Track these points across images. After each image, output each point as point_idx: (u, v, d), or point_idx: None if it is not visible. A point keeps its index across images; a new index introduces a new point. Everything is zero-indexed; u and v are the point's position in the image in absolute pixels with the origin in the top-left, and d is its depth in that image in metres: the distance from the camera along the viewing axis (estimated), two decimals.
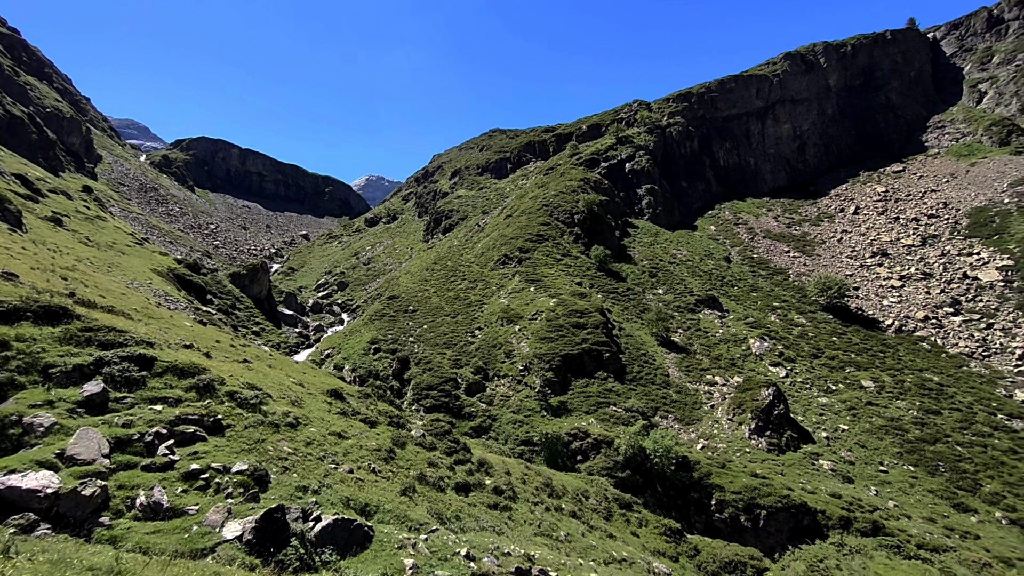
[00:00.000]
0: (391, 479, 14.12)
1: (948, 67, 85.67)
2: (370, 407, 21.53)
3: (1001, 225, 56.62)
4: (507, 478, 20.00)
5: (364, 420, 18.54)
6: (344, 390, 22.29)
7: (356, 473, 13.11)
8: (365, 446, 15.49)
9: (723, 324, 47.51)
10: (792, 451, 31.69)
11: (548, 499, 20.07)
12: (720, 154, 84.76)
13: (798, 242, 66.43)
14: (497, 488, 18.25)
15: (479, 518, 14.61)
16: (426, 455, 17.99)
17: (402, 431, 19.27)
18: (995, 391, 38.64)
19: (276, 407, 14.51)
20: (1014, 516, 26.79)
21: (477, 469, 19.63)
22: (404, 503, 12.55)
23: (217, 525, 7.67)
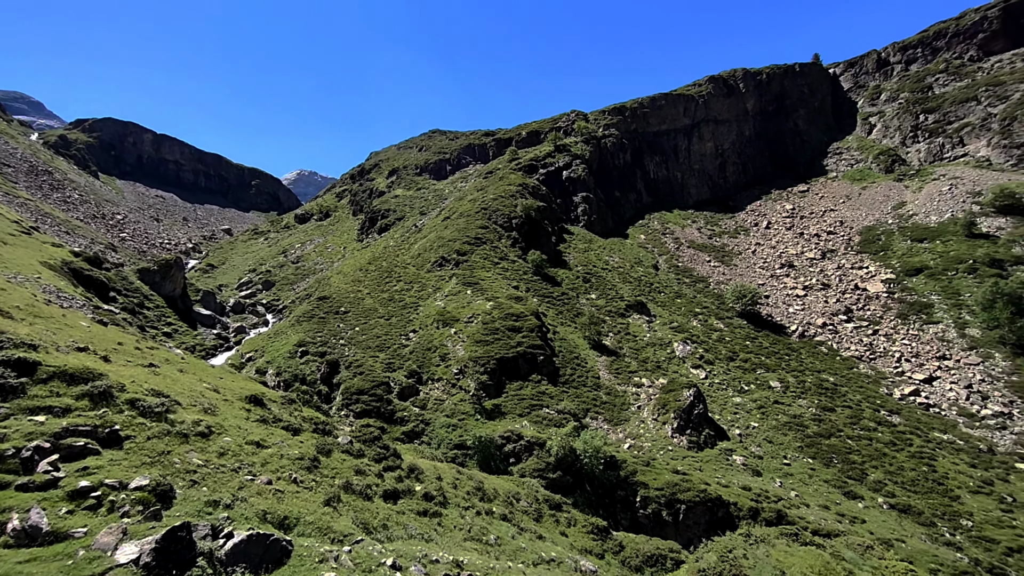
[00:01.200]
0: (314, 489, 13.51)
1: (845, 100, 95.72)
2: (294, 413, 20.49)
3: (886, 243, 63.96)
4: (438, 483, 19.77)
5: (287, 427, 17.61)
6: (266, 396, 21.05)
7: (275, 484, 12.41)
8: (287, 455, 14.71)
9: (650, 328, 49.88)
10: (710, 448, 33.82)
11: (479, 503, 20.06)
12: (651, 167, 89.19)
13: (718, 253, 71.22)
14: (427, 494, 17.98)
15: (408, 526, 14.33)
16: (353, 463, 17.39)
17: (328, 438, 18.50)
18: (879, 390, 43.50)
19: (186, 415, 13.43)
20: (893, 501, 30.22)
21: (407, 475, 19.24)
22: (328, 514, 12.04)
23: (109, 548, 6.95)
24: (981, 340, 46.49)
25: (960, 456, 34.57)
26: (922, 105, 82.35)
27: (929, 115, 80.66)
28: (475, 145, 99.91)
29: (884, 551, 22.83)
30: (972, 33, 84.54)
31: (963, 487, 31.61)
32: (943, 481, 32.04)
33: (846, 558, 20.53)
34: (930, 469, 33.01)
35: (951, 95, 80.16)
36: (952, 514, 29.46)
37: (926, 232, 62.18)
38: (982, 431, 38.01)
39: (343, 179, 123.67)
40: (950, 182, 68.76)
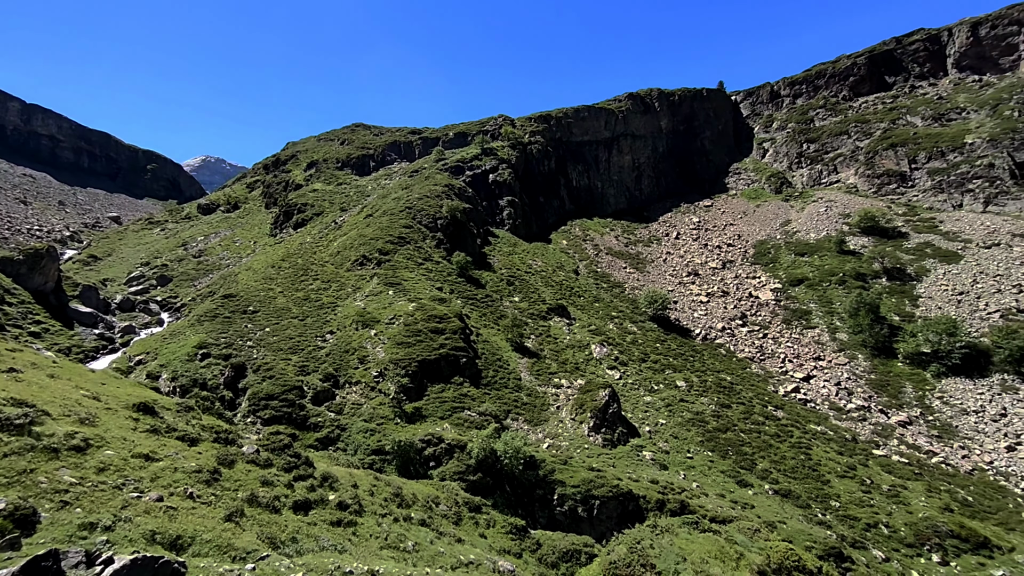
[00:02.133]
0: (214, 504, 12.48)
1: (744, 125, 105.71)
2: (192, 422, 18.78)
3: (774, 256, 71.41)
4: (354, 491, 19.06)
5: (183, 437, 16.10)
6: (158, 403, 19.09)
7: (168, 500, 11.31)
8: (182, 468, 13.46)
9: (570, 331, 51.63)
10: (622, 445, 35.67)
11: (397, 509, 19.60)
12: (574, 175, 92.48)
13: (633, 260, 75.44)
14: (342, 503, 17.28)
15: (320, 537, 13.68)
16: (260, 473, 16.29)
17: (231, 448, 17.17)
18: (767, 387, 48.41)
19: (56, 427, 11.84)
20: (778, 487, 33.73)
21: (320, 484, 18.36)
22: (229, 530, 11.19)
23: None
24: (848, 343, 53.37)
25: (830, 445, 39.38)
26: (805, 135, 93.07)
27: (811, 144, 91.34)
28: (401, 142, 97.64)
29: (769, 533, 25.44)
30: (845, 76, 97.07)
31: (832, 472, 36.02)
32: (817, 468, 36.30)
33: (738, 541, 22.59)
34: (807, 457, 37.25)
35: (828, 128, 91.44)
36: (823, 496, 33.48)
37: (806, 247, 70.25)
38: (848, 423, 43.63)
39: (255, 169, 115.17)
40: (826, 204, 78.30)
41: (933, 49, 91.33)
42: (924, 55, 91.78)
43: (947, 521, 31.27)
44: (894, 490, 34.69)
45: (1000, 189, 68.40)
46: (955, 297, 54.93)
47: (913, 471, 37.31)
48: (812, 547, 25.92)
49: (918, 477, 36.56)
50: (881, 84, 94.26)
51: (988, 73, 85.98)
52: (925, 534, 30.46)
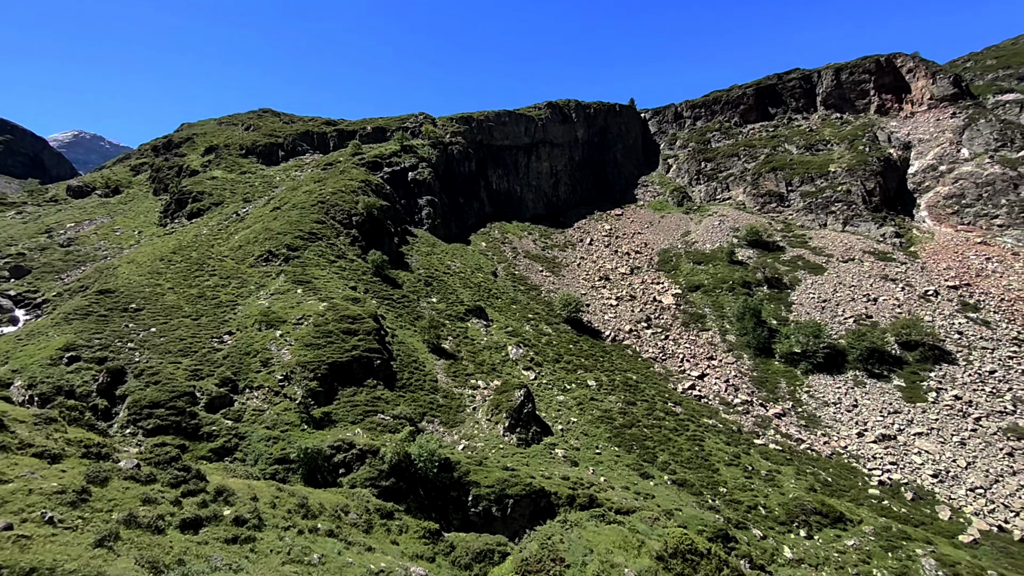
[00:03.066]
0: (81, 529, 11.02)
1: (652, 141, 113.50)
2: (54, 436, 16.41)
3: (676, 264, 77.42)
4: (253, 504, 17.75)
5: (41, 454, 14.02)
6: (7, 415, 16.43)
7: (20, 528, 9.81)
8: (39, 489, 11.73)
9: (487, 332, 52.06)
10: (536, 444, 36.64)
11: (302, 521, 18.55)
12: (494, 179, 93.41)
13: (549, 263, 77.83)
14: (239, 518, 16.04)
15: (212, 557, 12.59)
16: (140, 490, 14.64)
17: (104, 463, 15.25)
18: (668, 385, 52.31)
19: None
20: (675, 477, 36.54)
21: (214, 499, 16.90)
22: (99, 557, 9.94)
23: None
24: (736, 344, 59.24)
25: (720, 436, 43.44)
26: (703, 155, 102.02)
27: (708, 163, 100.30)
28: (314, 133, 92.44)
29: (667, 520, 27.48)
30: (737, 104, 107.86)
31: (721, 461, 39.77)
32: (708, 458, 39.87)
33: (639, 530, 24.14)
34: (700, 448, 40.77)
35: (722, 150, 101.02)
36: (713, 483, 36.86)
37: (703, 257, 76.96)
38: (734, 416, 48.41)
39: (142, 150, 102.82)
40: (719, 218, 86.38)
41: (806, 87, 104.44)
42: (799, 91, 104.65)
43: (812, 500, 35.80)
44: (770, 475, 39.06)
45: (855, 212, 79.87)
46: (820, 304, 63.17)
47: (785, 457, 42.29)
48: (704, 530, 28.39)
49: (789, 462, 41.49)
50: (765, 114, 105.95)
51: (847, 112, 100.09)
52: (794, 512, 34.64)
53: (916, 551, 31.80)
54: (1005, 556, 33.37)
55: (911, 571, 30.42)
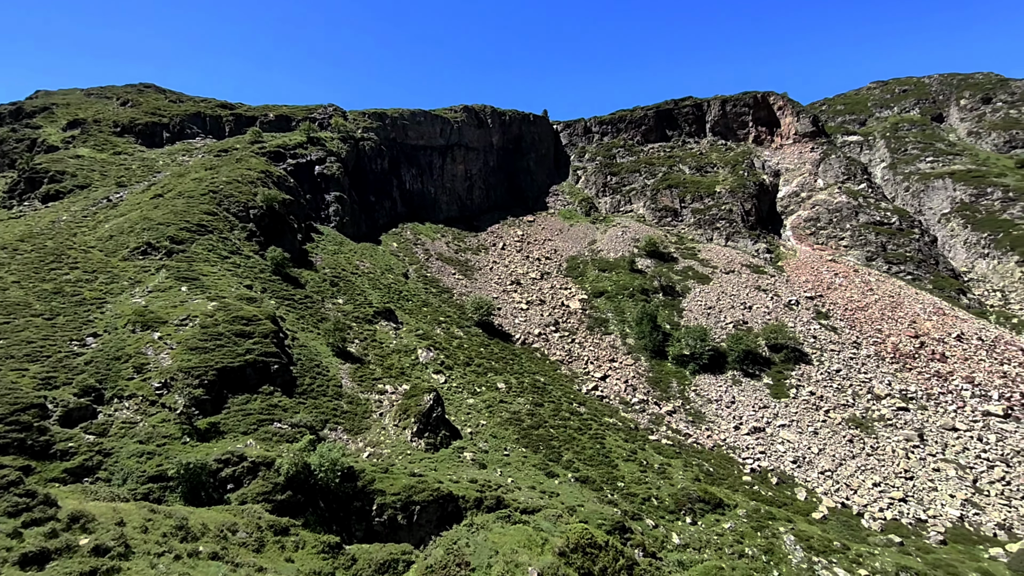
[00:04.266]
0: None
1: (563, 152, 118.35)
2: None
3: (583, 271, 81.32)
4: (118, 530, 15.72)
5: None
6: None
7: None
8: None
9: (397, 335, 50.79)
10: (445, 448, 36.40)
11: (180, 545, 16.77)
12: (407, 178, 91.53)
13: (462, 267, 77.85)
14: (99, 547, 14.14)
15: None
16: None
17: None
18: (573, 386, 54.68)
19: None
20: (578, 475, 38.25)
21: (66, 527, 14.75)
22: None
23: None
24: (635, 347, 63.54)
25: (619, 434, 46.27)
26: (609, 169, 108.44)
27: (613, 177, 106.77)
28: (207, 115, 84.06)
29: (569, 517, 28.70)
30: (639, 124, 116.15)
31: (620, 457, 42.37)
32: (609, 454, 42.29)
33: (544, 528, 24.96)
34: (601, 446, 43.11)
35: (626, 165, 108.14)
36: (613, 479, 39.15)
37: (607, 265, 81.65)
38: (632, 414, 51.85)
39: None
40: (622, 229, 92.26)
41: (698, 114, 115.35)
42: (692, 118, 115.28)
43: (696, 489, 39.39)
44: (662, 468, 42.38)
45: (736, 229, 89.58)
46: (706, 310, 69.89)
47: (675, 451, 46.13)
48: (603, 524, 30.05)
49: (678, 455, 45.33)
50: (664, 135, 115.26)
51: (730, 140, 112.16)
52: (682, 501, 37.89)
53: (780, 529, 36.31)
54: (847, 528, 39.24)
55: (775, 547, 34.65)
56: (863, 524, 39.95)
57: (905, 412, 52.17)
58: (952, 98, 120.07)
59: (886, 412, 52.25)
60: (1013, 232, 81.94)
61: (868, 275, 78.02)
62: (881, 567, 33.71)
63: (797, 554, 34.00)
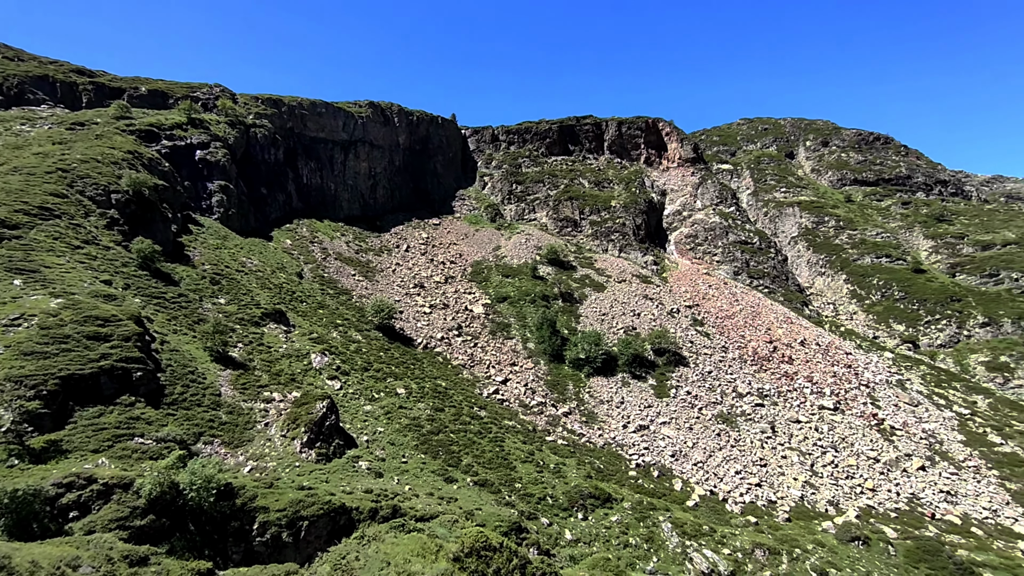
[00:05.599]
0: None
1: (471, 158, 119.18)
2: None
3: (487, 276, 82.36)
4: None
5: None
6: None
7: None
8: None
9: (288, 339, 47.38)
10: (338, 458, 34.61)
11: None
12: (305, 172, 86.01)
13: (363, 268, 74.82)
14: None
15: None
16: None
17: None
18: (475, 390, 55.02)
19: None
20: (477, 479, 38.50)
21: None
22: None
23: None
24: (535, 351, 65.65)
25: (518, 436, 47.44)
26: (515, 177, 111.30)
27: (519, 185, 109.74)
28: (57, 81, 71.86)
29: (466, 521, 28.83)
30: (544, 136, 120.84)
31: (518, 459, 43.43)
32: (507, 457, 43.15)
33: (439, 535, 24.80)
34: (501, 449, 43.86)
35: (531, 175, 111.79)
36: (511, 480, 40.00)
37: (510, 271, 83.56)
38: (531, 416, 53.46)
39: None
40: (526, 236, 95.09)
41: (597, 132, 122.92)
42: (592, 135, 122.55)
43: (588, 486, 41.64)
44: (558, 467, 44.20)
45: (628, 242, 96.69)
46: (600, 317, 74.43)
47: (570, 450, 48.38)
48: (500, 525, 30.59)
49: (573, 455, 47.60)
50: (566, 149, 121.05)
51: (625, 159, 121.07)
52: (575, 498, 39.81)
53: (659, 518, 39.65)
54: (715, 513, 43.97)
55: (655, 535, 37.78)
56: (727, 508, 45.06)
57: (761, 407, 59.90)
58: (800, 139, 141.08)
59: (747, 408, 59.56)
60: (843, 255, 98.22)
61: (735, 287, 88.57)
62: (740, 545, 38.27)
63: (673, 540, 37.39)
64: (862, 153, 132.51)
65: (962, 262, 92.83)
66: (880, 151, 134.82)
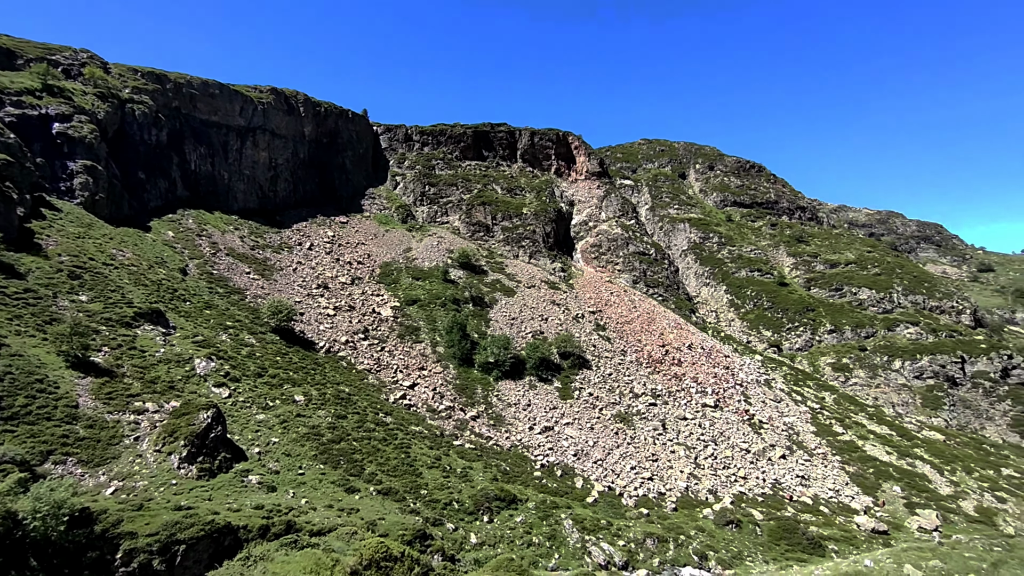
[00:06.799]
0: None
1: (382, 156, 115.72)
2: None
3: (396, 278, 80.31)
4: None
5: None
6: None
7: None
8: None
9: (167, 342, 42.45)
10: (224, 472, 31.64)
11: None
12: (194, 157, 77.83)
13: (260, 265, 69.25)
14: None
15: None
16: None
17: None
18: (380, 396, 53.26)
19: None
20: (381, 487, 37.26)
21: None
22: None
23: None
24: (444, 355, 65.14)
25: (425, 441, 46.70)
26: (428, 179, 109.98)
27: (432, 187, 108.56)
28: None
29: (366, 532, 27.79)
30: (459, 140, 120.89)
31: (424, 465, 42.75)
32: (413, 463, 42.28)
33: (335, 548, 23.69)
34: (406, 456, 42.87)
35: (445, 178, 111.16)
36: (416, 487, 39.24)
37: (421, 273, 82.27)
38: (438, 421, 52.90)
39: None
40: (438, 239, 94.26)
41: (511, 141, 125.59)
42: (506, 143, 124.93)
43: (494, 488, 42.12)
44: (464, 471, 44.18)
45: (538, 248, 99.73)
46: (510, 321, 75.85)
47: (477, 454, 48.61)
48: (404, 534, 29.88)
49: (480, 458, 47.86)
50: (480, 154, 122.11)
51: (536, 168, 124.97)
52: (480, 502, 40.04)
53: (561, 516, 41.21)
54: (612, 508, 46.64)
55: (557, 532, 39.20)
56: (623, 502, 48.07)
57: (654, 407, 64.80)
58: (691, 162, 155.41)
59: (642, 407, 64.08)
60: (724, 268, 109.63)
61: (633, 295, 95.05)
62: (634, 536, 41.02)
63: (574, 536, 39.07)
64: (740, 178, 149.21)
65: (815, 278, 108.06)
66: (755, 178, 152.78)
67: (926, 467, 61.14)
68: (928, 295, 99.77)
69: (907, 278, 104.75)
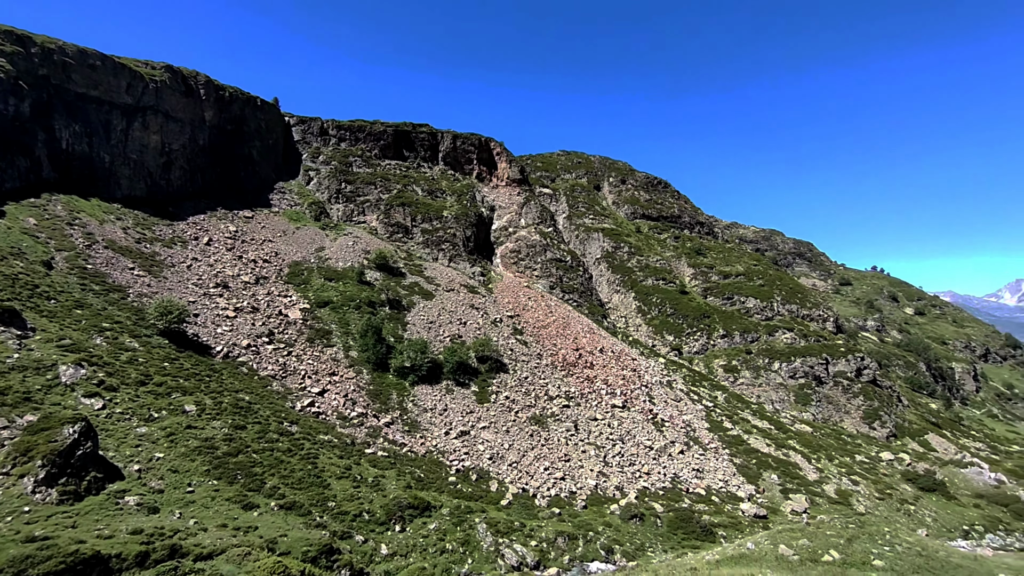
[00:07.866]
0: None
1: (295, 149, 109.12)
2: None
3: (307, 278, 75.95)
4: None
5: None
6: None
7: None
8: None
9: (23, 347, 36.66)
10: (95, 495, 27.89)
11: None
12: (66, 135, 68.16)
13: (146, 260, 62.09)
14: None
15: None
16: None
17: None
18: (286, 404, 49.94)
19: None
20: (283, 502, 34.87)
21: None
22: None
23: None
24: (358, 360, 62.60)
25: (334, 451, 44.49)
26: (344, 176, 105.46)
27: (348, 185, 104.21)
28: None
29: (262, 553, 25.89)
30: (378, 138, 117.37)
31: (333, 476, 40.69)
32: (321, 474, 40.08)
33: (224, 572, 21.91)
34: (313, 467, 40.55)
35: (362, 176, 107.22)
36: (323, 499, 37.22)
37: (334, 274, 78.55)
38: (350, 429, 50.67)
39: None
40: (354, 239, 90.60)
41: (432, 143, 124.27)
42: (428, 144, 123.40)
43: (407, 496, 41.14)
44: (376, 480, 42.71)
45: (458, 252, 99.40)
46: (428, 324, 74.74)
47: (391, 461, 47.21)
48: (308, 550, 28.21)
49: (393, 466, 46.53)
50: (401, 154, 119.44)
51: (458, 172, 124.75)
52: (393, 511, 38.92)
53: (475, 520, 41.21)
54: (525, 509, 47.47)
55: (471, 537, 39.14)
56: (536, 503, 49.16)
57: (568, 408, 67.12)
58: (605, 175, 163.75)
59: (556, 409, 66.09)
60: (633, 276, 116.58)
61: (550, 300, 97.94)
62: (546, 536, 42.09)
63: (487, 539, 39.26)
64: (649, 193, 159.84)
65: (711, 287, 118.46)
66: (661, 193, 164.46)
67: (798, 456, 69.30)
68: (801, 304, 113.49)
69: (785, 289, 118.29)
